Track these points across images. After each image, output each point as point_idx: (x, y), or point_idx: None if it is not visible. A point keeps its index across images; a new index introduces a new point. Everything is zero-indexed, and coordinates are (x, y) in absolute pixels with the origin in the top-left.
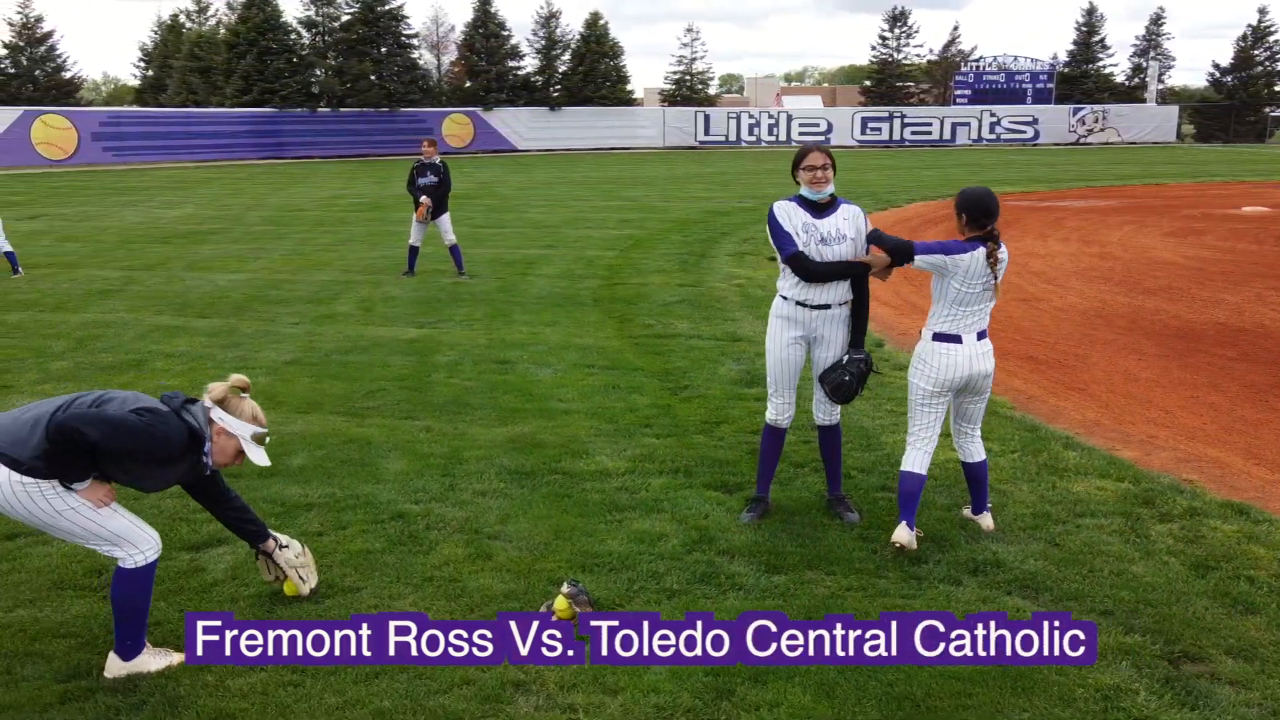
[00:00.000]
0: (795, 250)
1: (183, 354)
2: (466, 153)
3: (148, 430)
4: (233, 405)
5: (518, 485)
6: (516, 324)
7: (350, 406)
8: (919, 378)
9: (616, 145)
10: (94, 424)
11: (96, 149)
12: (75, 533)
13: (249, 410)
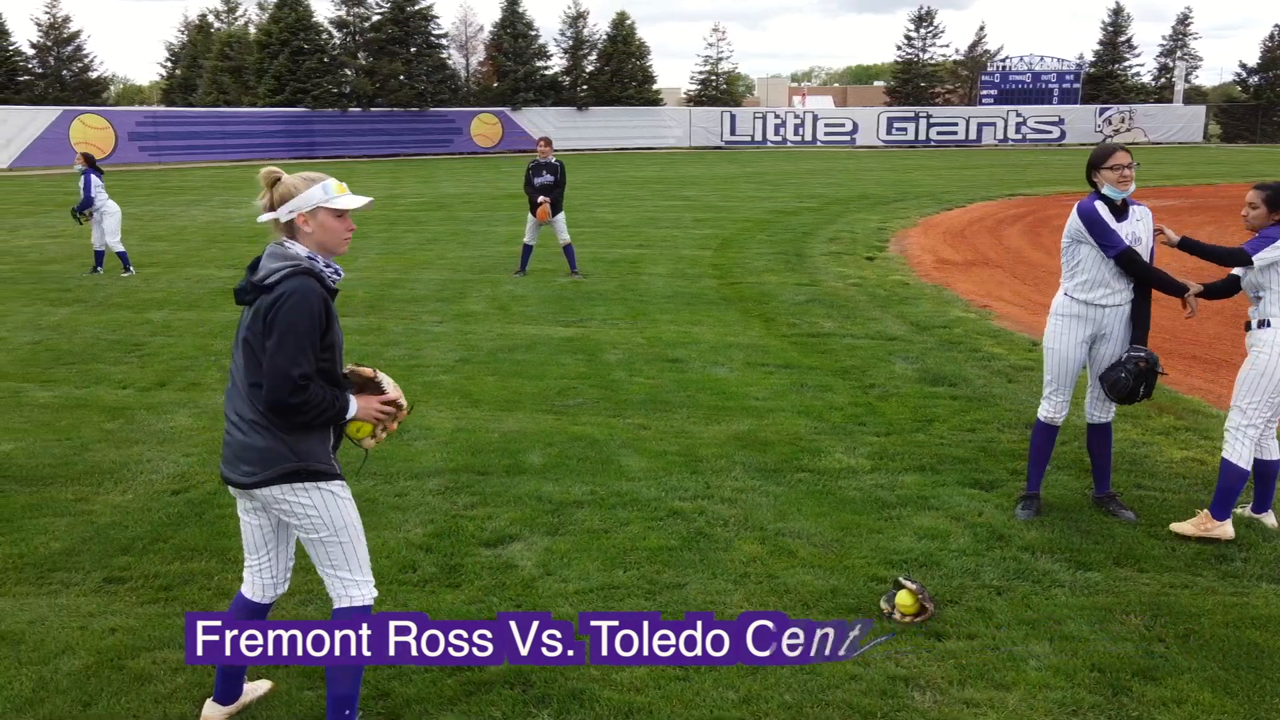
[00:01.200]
0: (1125, 246)
1: (348, 352)
2: (495, 152)
3: (295, 306)
4: (284, 195)
5: (771, 482)
6: (661, 323)
7: (551, 405)
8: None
9: (643, 145)
10: (280, 355)
11: (133, 149)
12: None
13: (296, 182)
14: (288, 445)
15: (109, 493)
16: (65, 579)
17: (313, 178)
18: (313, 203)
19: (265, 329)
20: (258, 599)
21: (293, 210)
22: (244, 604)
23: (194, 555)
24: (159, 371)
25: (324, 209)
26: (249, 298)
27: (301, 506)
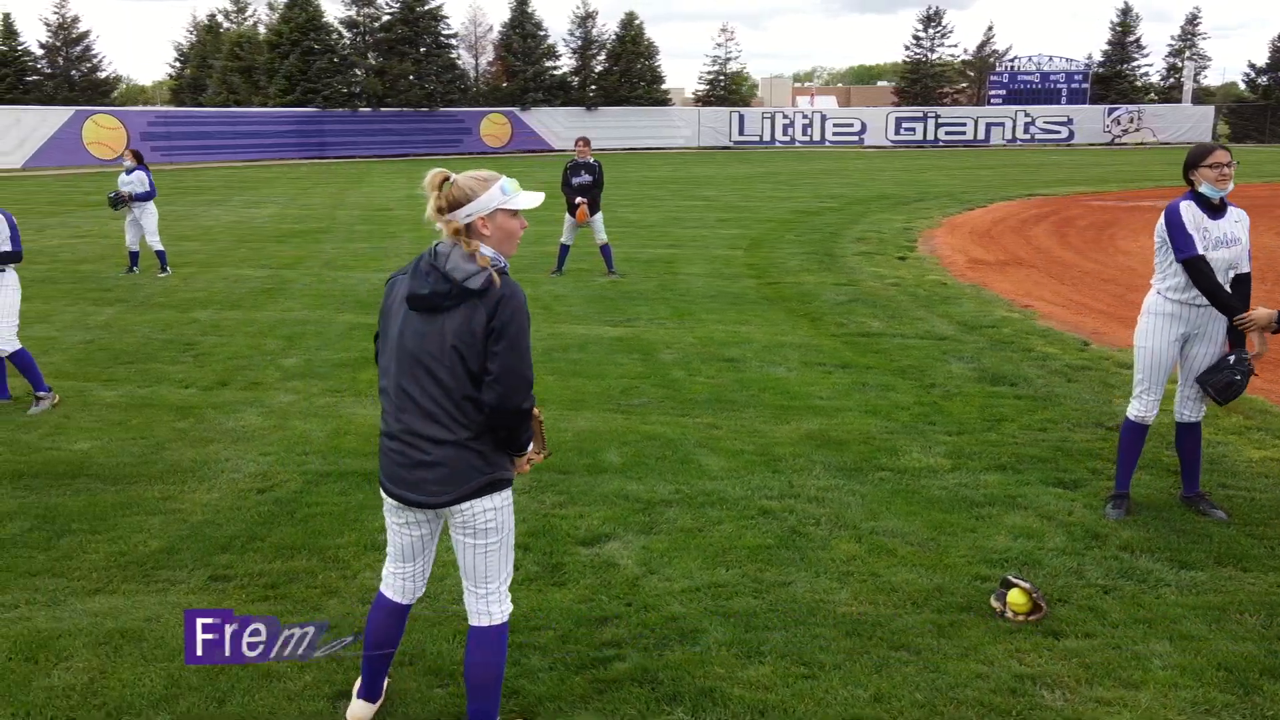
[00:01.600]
0: (1196, 254)
1: None
2: (504, 152)
3: (520, 308)
4: (459, 198)
5: (854, 481)
6: (708, 323)
7: (617, 404)
8: None
9: (651, 145)
10: (514, 356)
11: (145, 149)
12: (492, 565)
13: (471, 184)
14: (483, 457)
15: (194, 491)
16: (170, 577)
17: (487, 178)
18: (492, 205)
19: (490, 334)
20: (403, 601)
21: (471, 214)
22: (389, 605)
23: (293, 554)
24: (218, 371)
25: (502, 210)
26: (448, 303)
27: (486, 518)
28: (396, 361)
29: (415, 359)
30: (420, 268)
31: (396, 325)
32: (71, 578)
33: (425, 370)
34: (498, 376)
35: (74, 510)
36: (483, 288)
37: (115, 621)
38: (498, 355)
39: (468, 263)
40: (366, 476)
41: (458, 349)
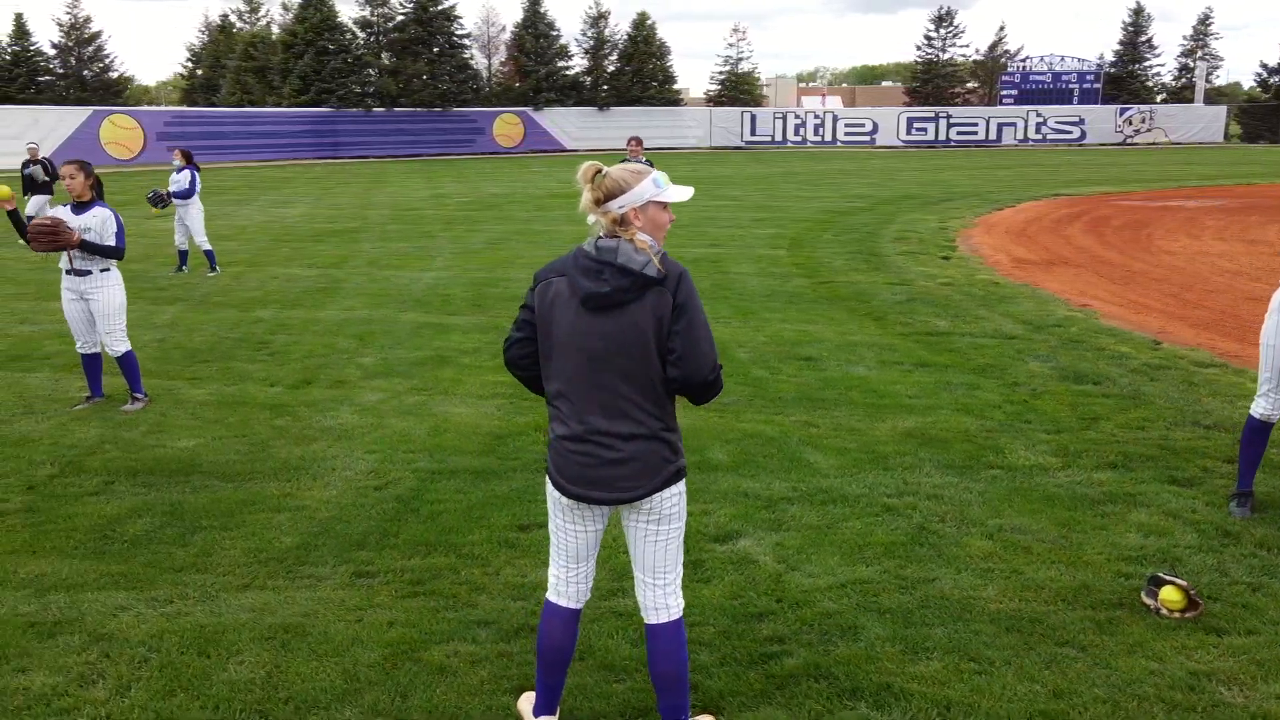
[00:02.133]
0: None
1: (477, 349)
2: (517, 152)
3: (693, 288)
4: (613, 190)
5: (968, 479)
6: (773, 322)
7: (712, 402)
8: None
9: (663, 145)
10: (699, 332)
11: (161, 149)
12: (671, 554)
13: (625, 176)
14: (671, 447)
15: (311, 488)
16: (314, 573)
17: (640, 170)
18: (645, 197)
19: (675, 316)
20: (575, 605)
21: (624, 205)
22: (564, 611)
23: (429, 550)
24: (298, 370)
25: (654, 202)
26: (631, 295)
27: (671, 504)
28: (574, 364)
29: (599, 358)
30: (583, 265)
31: (566, 328)
32: (216, 573)
33: (613, 368)
34: (683, 354)
35: (199, 507)
36: (660, 274)
37: (274, 617)
38: (680, 333)
39: (637, 253)
40: (479, 474)
41: (648, 339)
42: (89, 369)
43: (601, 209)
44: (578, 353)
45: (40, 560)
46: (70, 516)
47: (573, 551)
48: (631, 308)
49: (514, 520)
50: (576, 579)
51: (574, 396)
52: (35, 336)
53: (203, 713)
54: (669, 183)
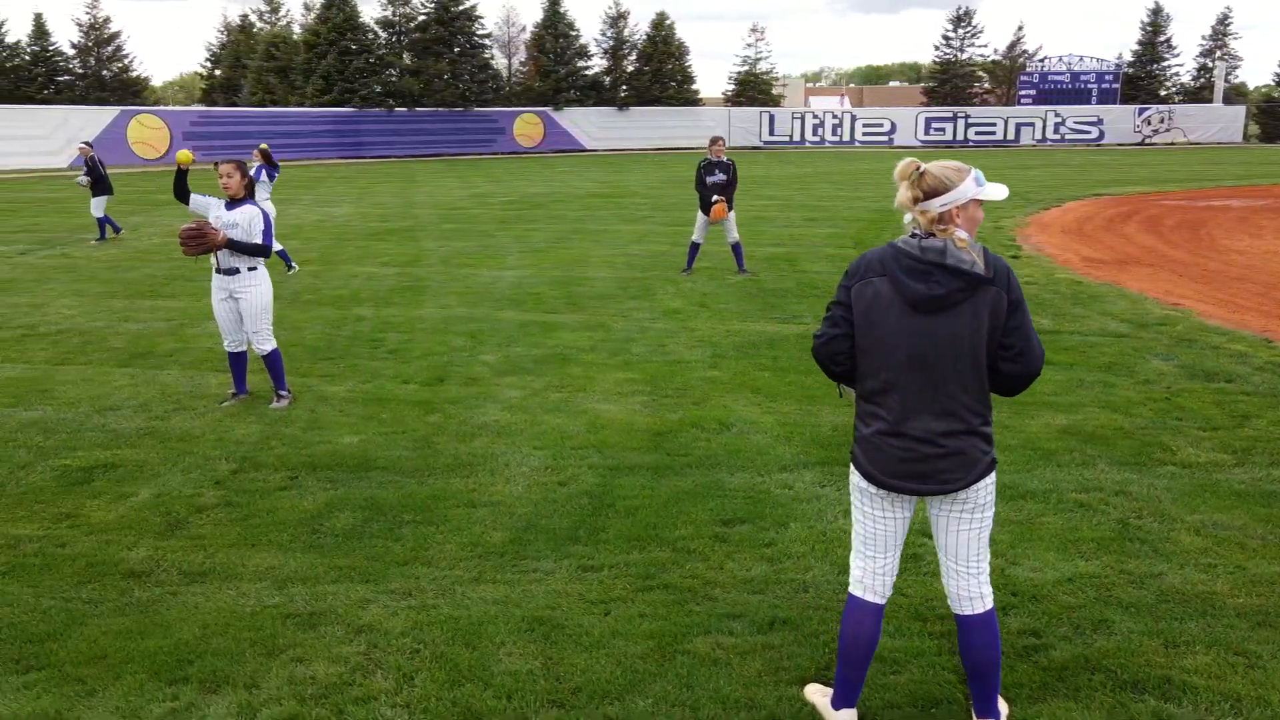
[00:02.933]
0: None
1: (593, 347)
2: (536, 152)
3: (1018, 281)
4: (936, 187)
5: (1147, 475)
6: None
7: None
8: None
9: (682, 146)
10: (1031, 325)
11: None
12: (984, 541)
13: (949, 174)
14: (987, 439)
15: (495, 484)
16: (537, 567)
17: (962, 168)
18: (968, 195)
19: (1010, 313)
20: (881, 600)
21: (947, 203)
22: (872, 606)
23: (642, 545)
24: (425, 367)
25: (974, 200)
26: (964, 296)
27: (987, 492)
28: (899, 363)
29: (926, 358)
30: (906, 266)
31: (890, 328)
32: (440, 567)
33: (940, 366)
34: (1022, 349)
35: (394, 502)
36: (990, 273)
37: (520, 610)
38: (1017, 329)
39: (964, 252)
40: (656, 471)
41: (979, 338)
42: (235, 367)
43: (920, 207)
44: (903, 352)
45: (261, 553)
46: (271, 511)
47: (881, 541)
48: (962, 307)
49: (714, 516)
50: (882, 571)
51: (897, 394)
52: (147, 334)
53: (496, 701)
54: (985, 180)
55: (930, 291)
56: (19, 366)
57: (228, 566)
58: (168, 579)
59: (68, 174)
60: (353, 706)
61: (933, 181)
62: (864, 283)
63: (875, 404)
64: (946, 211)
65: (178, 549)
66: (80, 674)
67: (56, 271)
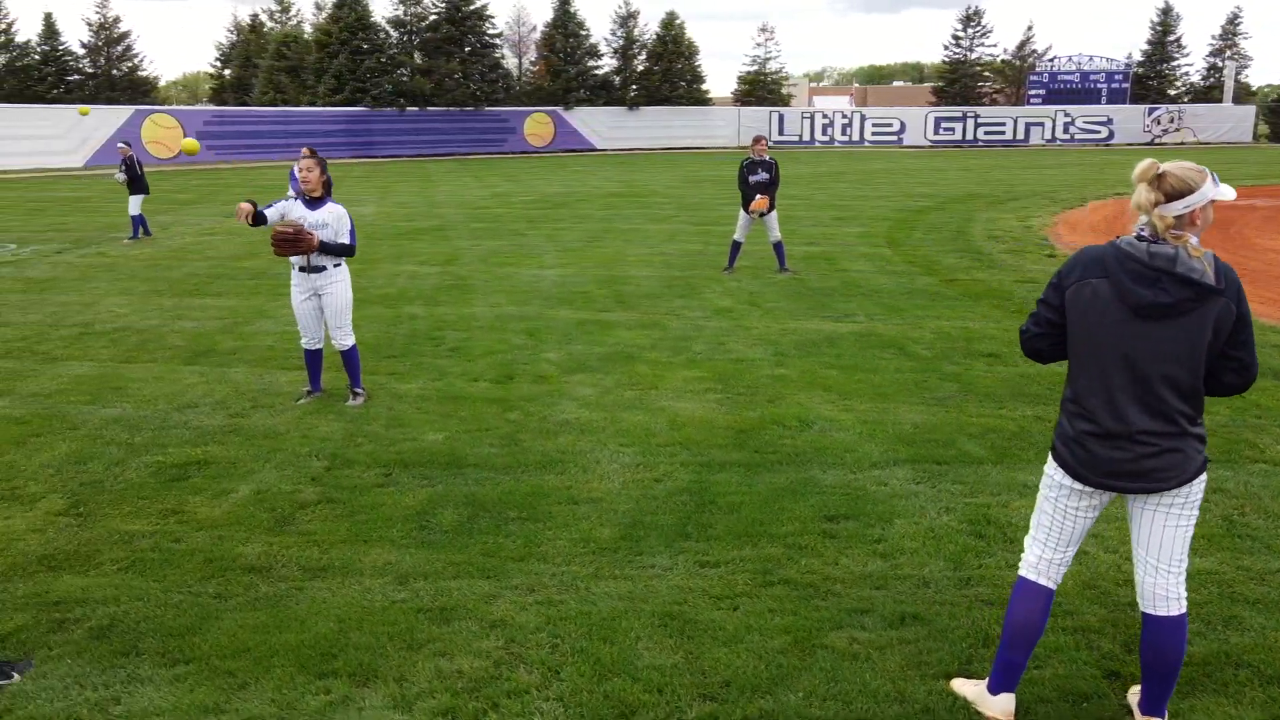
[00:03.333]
0: None
1: (654, 345)
2: (547, 151)
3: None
4: (1179, 189)
5: (1240, 473)
6: (929, 318)
7: (922, 396)
8: None
9: (691, 145)
10: (1252, 337)
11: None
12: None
13: (1191, 175)
14: (1201, 440)
15: (590, 480)
16: (654, 563)
17: (1200, 168)
18: (1208, 196)
19: (1239, 326)
20: (1052, 585)
21: (1190, 205)
22: (1043, 590)
23: (753, 541)
24: (490, 365)
25: (1212, 202)
26: (1193, 305)
27: (1198, 492)
28: (1114, 366)
29: (1145, 363)
30: (1132, 270)
31: (1108, 331)
32: (556, 563)
33: (1159, 372)
34: (1246, 363)
35: (494, 498)
36: (1222, 284)
37: (647, 605)
38: (1244, 343)
39: (1194, 261)
40: (748, 468)
41: (1201, 347)
42: (312, 364)
43: (1160, 210)
44: (1121, 356)
45: (376, 549)
46: (374, 507)
47: (1066, 535)
48: (1189, 317)
49: (816, 512)
50: (1060, 562)
51: (1109, 396)
52: (205, 333)
53: (648, 695)
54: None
55: (1156, 299)
56: (85, 364)
57: (346, 562)
58: (289, 574)
59: (86, 173)
60: (506, 700)
61: (1175, 183)
62: (1081, 284)
63: (1082, 405)
64: (1187, 214)
65: (291, 545)
66: (228, 667)
67: (97, 270)
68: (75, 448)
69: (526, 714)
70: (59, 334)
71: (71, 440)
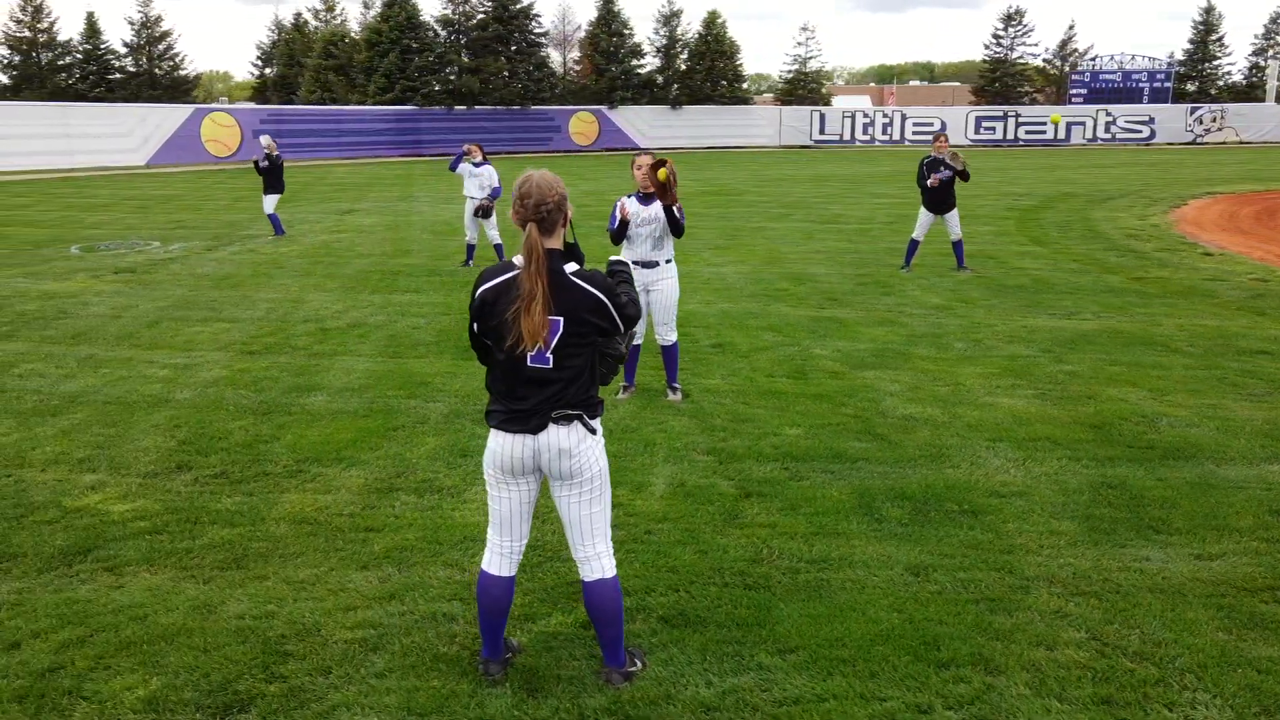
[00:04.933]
0: None
1: (907, 342)
2: (592, 150)
3: None
4: None
5: None
6: (1153, 316)
7: (1244, 393)
8: None
9: (733, 144)
10: None
11: (256, 146)
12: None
13: None
14: None
15: (990, 473)
16: (1169, 556)
17: None
18: None
19: None
20: None
21: None
22: None
23: (1253, 532)
24: (770, 361)
25: None
26: None
27: None
28: None
29: None
30: None
31: None
32: (1043, 554)
33: None
34: None
35: (917, 491)
36: None
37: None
38: None
39: None
40: (1142, 464)
41: None
42: (631, 359)
43: None
44: None
45: (856, 542)
46: (812, 499)
47: None
48: None
49: (1259, 506)
50: None
51: None
52: (451, 329)
53: None
54: None
55: None
56: (361, 359)
57: (842, 554)
58: (781, 566)
59: (160, 170)
60: (1162, 710)
61: None
62: None
63: None
64: None
65: (758, 537)
66: (833, 655)
67: (264, 268)
68: None
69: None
70: (299, 329)
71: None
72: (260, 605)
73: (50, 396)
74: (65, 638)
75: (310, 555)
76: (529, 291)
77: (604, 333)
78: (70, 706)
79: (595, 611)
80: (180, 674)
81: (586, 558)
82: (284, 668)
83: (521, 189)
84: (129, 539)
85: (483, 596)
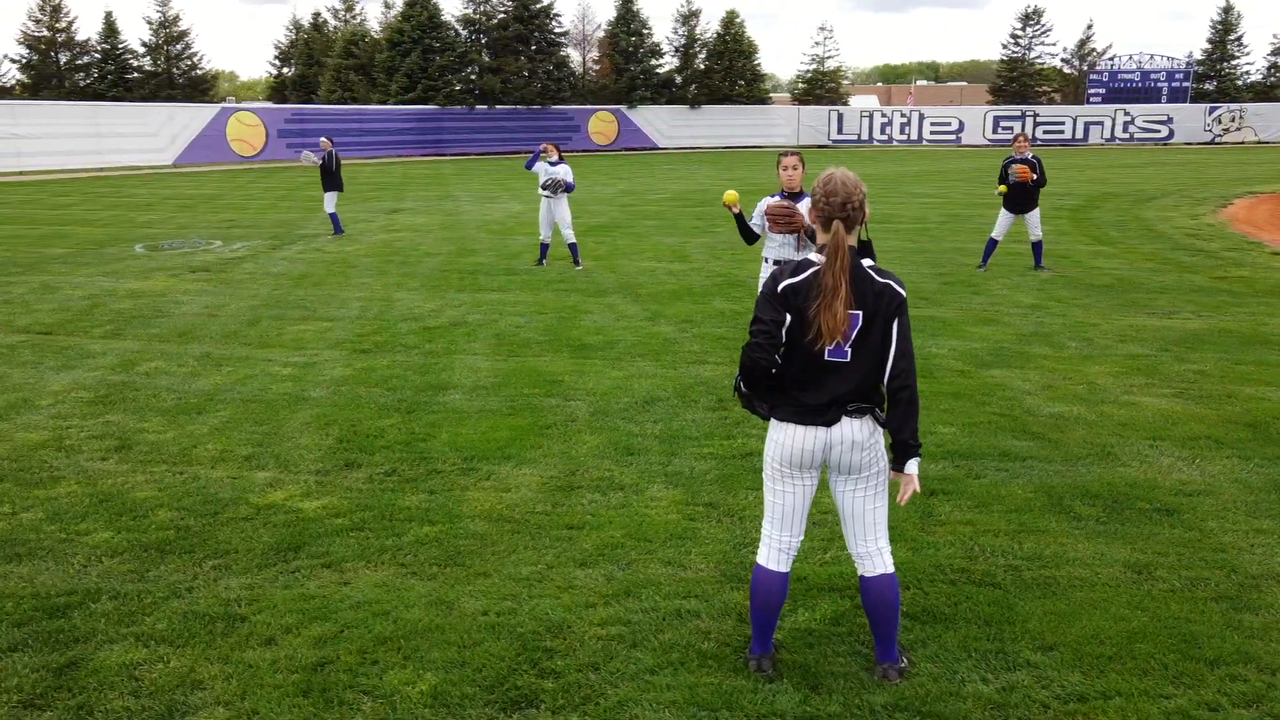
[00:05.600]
0: None
1: (1020, 341)
2: (612, 150)
3: None
4: None
5: None
6: (1257, 315)
7: None
8: None
9: (751, 144)
10: None
11: (280, 145)
12: None
13: None
14: None
15: (1170, 473)
16: None
17: None
18: None
19: None
20: None
21: None
22: None
23: None
24: None
25: None
26: None
27: None
28: None
29: None
30: None
31: None
32: (1257, 552)
33: None
34: None
35: (1099, 489)
36: None
37: None
38: None
39: None
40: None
41: None
42: None
43: None
44: None
45: (1065, 540)
46: (994, 499)
47: None
48: None
49: None
50: None
51: None
52: (556, 327)
53: None
54: None
55: None
56: (479, 358)
57: (1062, 554)
58: (1003, 564)
59: (191, 169)
60: None
61: None
62: None
63: None
64: None
65: (987, 533)
66: (1097, 652)
67: (335, 267)
68: None
69: None
70: (401, 328)
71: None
72: (497, 602)
73: (186, 394)
74: (318, 633)
75: (522, 553)
76: (832, 287)
77: (898, 327)
78: (356, 701)
79: (874, 607)
80: (451, 669)
81: (868, 553)
82: (551, 664)
83: (827, 186)
84: (333, 536)
85: (758, 591)
